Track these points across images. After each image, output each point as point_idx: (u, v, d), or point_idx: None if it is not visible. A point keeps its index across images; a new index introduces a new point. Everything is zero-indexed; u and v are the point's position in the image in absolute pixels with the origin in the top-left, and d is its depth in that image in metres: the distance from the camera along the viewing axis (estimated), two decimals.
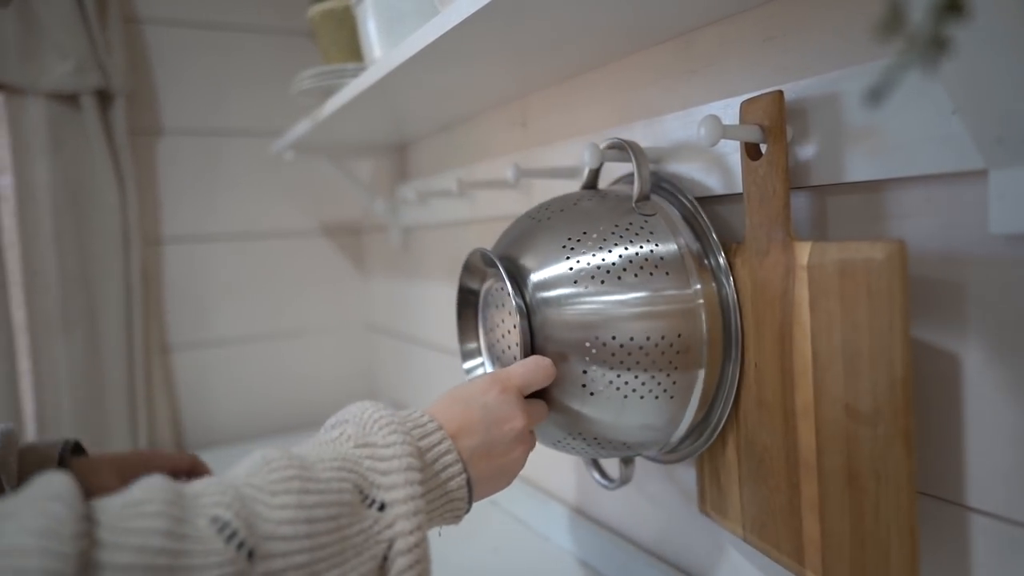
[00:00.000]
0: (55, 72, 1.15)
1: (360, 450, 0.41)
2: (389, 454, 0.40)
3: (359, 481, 0.39)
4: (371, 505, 0.39)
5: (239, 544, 0.33)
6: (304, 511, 0.36)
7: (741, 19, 0.53)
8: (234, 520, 0.34)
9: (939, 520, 0.43)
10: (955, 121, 0.38)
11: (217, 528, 0.33)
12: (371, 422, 0.42)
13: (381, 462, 0.40)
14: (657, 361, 0.47)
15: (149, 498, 0.33)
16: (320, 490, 0.37)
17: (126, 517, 0.32)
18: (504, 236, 0.55)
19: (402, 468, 0.40)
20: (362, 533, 0.38)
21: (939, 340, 0.42)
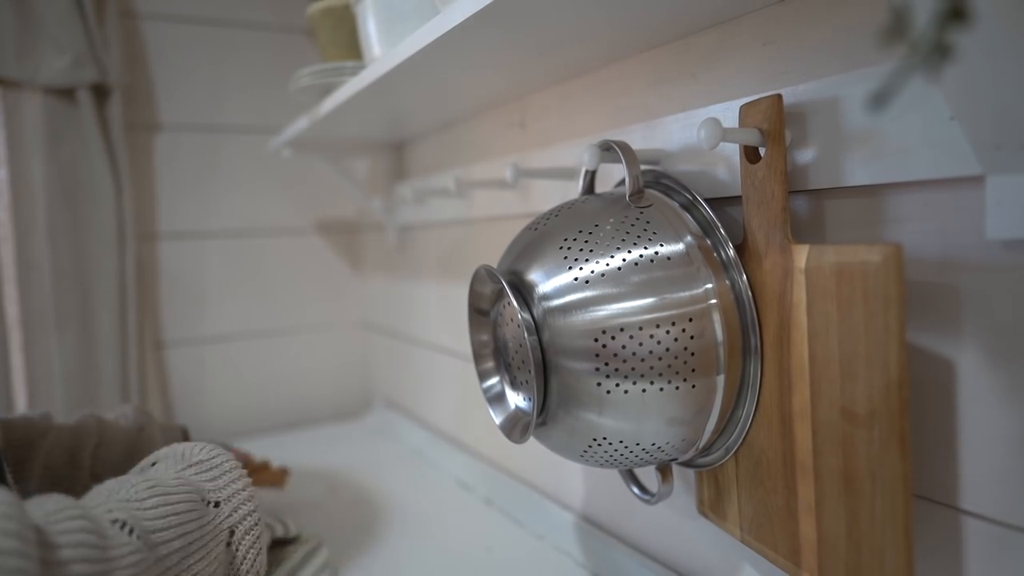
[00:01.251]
0: (52, 66, 1.14)
1: (188, 469, 0.54)
2: (214, 463, 0.56)
3: (198, 488, 0.53)
4: (208, 504, 0.53)
5: (137, 536, 0.44)
6: (170, 508, 0.48)
7: (741, 23, 0.53)
8: (128, 520, 0.44)
9: (933, 523, 0.43)
10: (953, 127, 0.38)
11: (119, 527, 0.44)
12: (189, 451, 0.56)
13: (210, 470, 0.55)
14: (672, 365, 0.46)
15: (64, 507, 0.41)
16: (176, 495, 0.50)
17: (55, 519, 0.40)
18: (508, 251, 0.54)
19: (229, 469, 0.55)
20: (210, 523, 0.51)
21: (935, 344, 0.42)
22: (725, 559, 0.60)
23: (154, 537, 0.45)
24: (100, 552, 0.40)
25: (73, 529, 0.40)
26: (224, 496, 0.54)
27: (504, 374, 0.57)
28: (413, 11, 0.76)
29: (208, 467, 0.55)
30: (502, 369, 0.57)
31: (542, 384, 0.49)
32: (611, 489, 0.75)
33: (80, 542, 0.40)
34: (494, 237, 0.94)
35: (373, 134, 1.15)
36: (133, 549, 0.43)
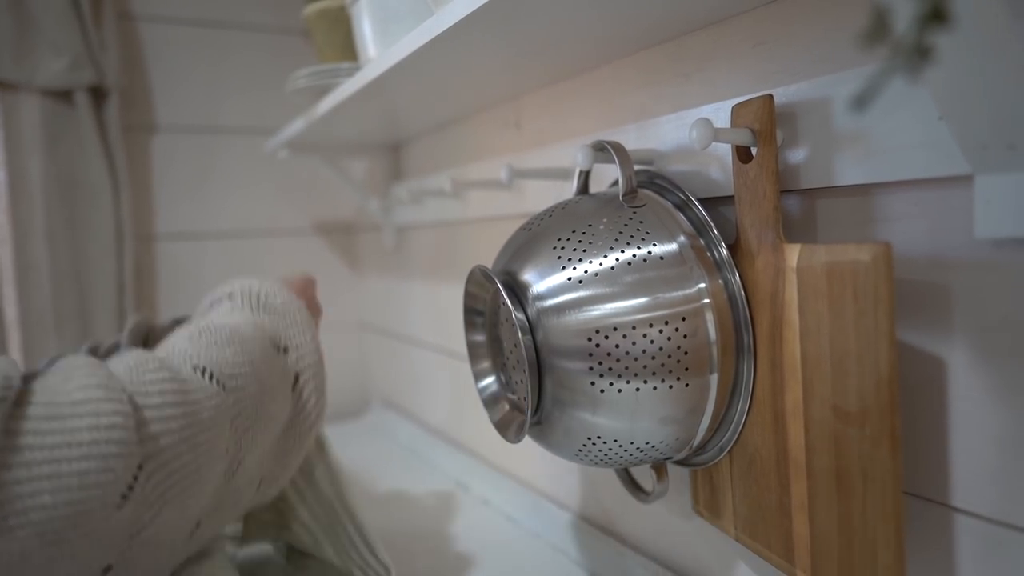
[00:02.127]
0: (49, 68, 1.14)
1: (262, 315, 0.56)
2: (284, 311, 0.57)
3: (271, 335, 0.55)
4: (279, 350, 0.55)
5: (216, 381, 0.46)
6: (247, 355, 0.50)
7: (732, 23, 0.53)
8: (208, 366, 0.46)
9: (925, 520, 0.43)
10: (942, 127, 0.38)
11: (200, 372, 0.46)
12: (264, 295, 0.58)
13: (281, 319, 0.57)
14: (666, 364, 0.46)
15: (144, 359, 0.43)
16: (252, 342, 0.51)
17: (139, 375, 0.42)
18: (502, 252, 0.55)
19: (296, 318, 0.57)
20: (280, 368, 0.54)
21: (925, 342, 0.43)
22: (720, 557, 0.60)
23: (231, 382, 0.47)
24: (182, 397, 0.43)
25: (156, 380, 0.42)
26: (293, 343, 0.56)
27: (499, 374, 0.57)
28: (408, 12, 0.76)
29: (279, 312, 0.57)
30: (497, 369, 0.57)
31: (536, 384, 0.49)
32: (607, 488, 0.75)
33: (163, 391, 0.42)
34: (489, 237, 0.94)
35: (369, 135, 1.15)
36: (213, 393, 0.45)
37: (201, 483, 0.43)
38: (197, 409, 0.43)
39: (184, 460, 0.41)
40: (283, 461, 0.55)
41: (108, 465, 0.36)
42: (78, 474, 0.35)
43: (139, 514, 0.39)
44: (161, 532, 0.41)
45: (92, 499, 0.35)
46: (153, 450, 0.39)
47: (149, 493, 0.39)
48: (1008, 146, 0.33)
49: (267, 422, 0.51)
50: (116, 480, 0.36)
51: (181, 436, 0.41)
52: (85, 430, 0.36)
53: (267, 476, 0.54)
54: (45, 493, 0.34)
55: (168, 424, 0.41)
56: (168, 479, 0.40)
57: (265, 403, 0.50)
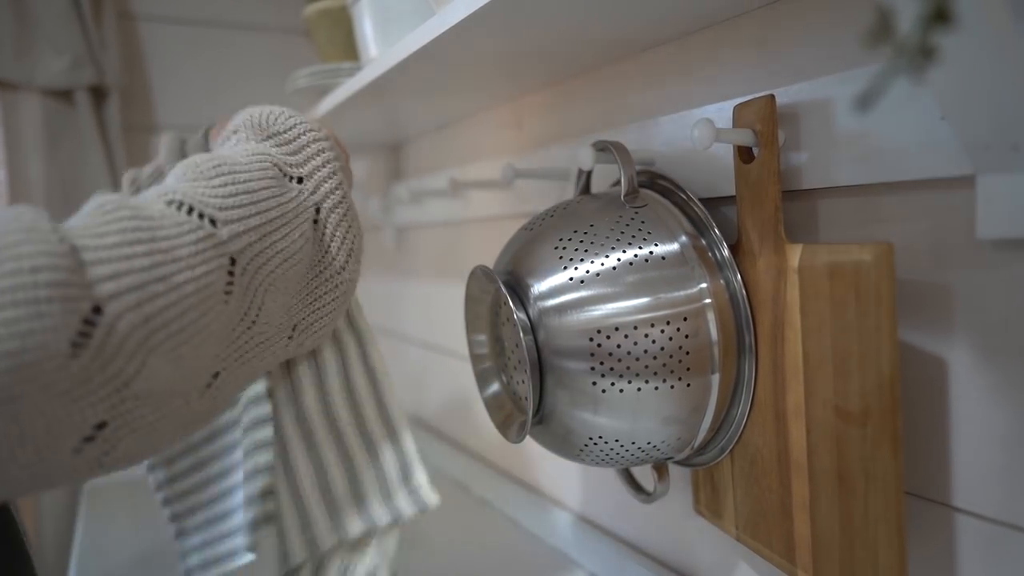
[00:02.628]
0: (50, 68, 1.14)
1: (266, 142, 0.49)
2: (294, 135, 0.49)
3: (276, 162, 0.47)
4: (291, 179, 0.47)
5: (199, 215, 0.40)
6: (241, 186, 0.43)
7: (735, 24, 0.53)
8: (185, 200, 0.40)
9: (926, 520, 0.43)
10: (944, 127, 0.38)
11: (175, 207, 0.40)
12: (265, 118, 0.50)
13: (289, 144, 0.49)
14: (667, 364, 0.47)
15: (102, 203, 0.38)
16: (247, 171, 0.44)
17: (93, 219, 0.37)
18: (503, 252, 0.55)
19: (310, 142, 0.49)
20: (292, 200, 0.46)
21: (927, 343, 0.43)
22: (721, 557, 0.60)
23: (223, 215, 0.41)
24: (149, 234, 0.38)
25: (112, 220, 0.37)
26: (307, 171, 0.49)
27: (501, 374, 0.57)
28: (409, 12, 0.76)
29: (288, 139, 0.49)
30: (499, 369, 0.58)
31: (538, 383, 0.49)
32: (608, 488, 0.75)
33: (122, 229, 0.37)
34: (490, 237, 0.94)
35: (370, 135, 1.15)
36: (193, 227, 0.39)
37: (196, 328, 0.39)
38: (171, 246, 0.38)
39: (161, 303, 0.37)
40: (315, 306, 0.50)
41: (39, 311, 0.33)
42: (4, 323, 0.32)
43: (114, 364, 0.35)
44: (158, 384, 0.38)
45: (30, 349, 0.32)
46: (111, 292, 0.35)
47: (123, 340, 0.35)
48: (1011, 146, 0.33)
49: (282, 260, 0.45)
50: (56, 327, 0.33)
51: (151, 276, 0.37)
52: (6, 276, 0.32)
53: (300, 323, 0.49)
54: None
55: (130, 263, 0.36)
56: (145, 324, 0.36)
57: (275, 238, 0.45)
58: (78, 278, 0.34)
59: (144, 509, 1.03)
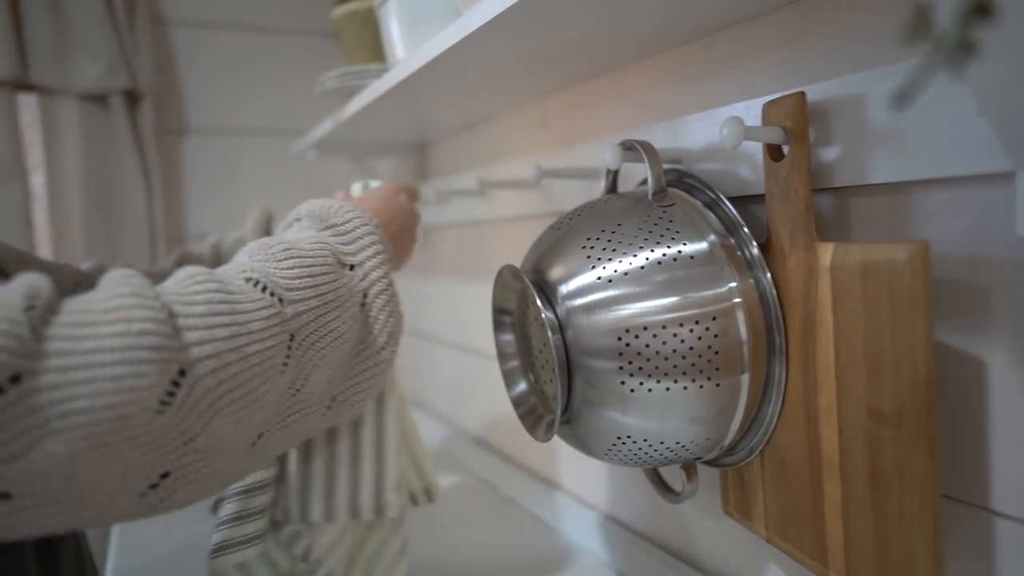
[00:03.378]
0: (86, 73, 1.17)
1: (325, 231, 0.55)
2: (349, 228, 0.55)
3: (334, 250, 0.53)
4: (344, 267, 0.53)
5: (271, 293, 0.46)
6: (306, 270, 0.49)
7: (763, 21, 0.53)
8: (261, 279, 0.46)
9: (963, 524, 0.42)
10: (981, 123, 0.38)
11: (252, 284, 0.45)
12: (326, 211, 0.56)
13: (344, 235, 0.55)
14: (696, 364, 0.46)
15: (193, 272, 0.44)
16: (311, 257, 0.50)
17: (186, 286, 0.42)
18: (531, 251, 0.55)
19: (363, 235, 0.55)
20: (345, 286, 0.52)
21: (964, 343, 0.42)
22: (751, 558, 0.59)
23: (289, 295, 0.47)
24: (230, 307, 0.43)
25: (202, 291, 0.42)
26: (359, 260, 0.54)
27: (528, 373, 0.57)
28: (436, 13, 0.77)
29: (343, 230, 0.56)
30: (526, 368, 0.58)
31: (566, 383, 0.49)
32: (635, 488, 0.75)
33: (209, 300, 0.42)
34: (516, 237, 0.94)
35: (396, 135, 1.16)
36: (266, 304, 0.45)
37: (256, 395, 0.43)
38: (245, 320, 0.43)
39: (233, 370, 0.42)
40: (355, 381, 0.54)
41: (141, 370, 0.37)
42: (112, 379, 0.36)
43: (187, 422, 0.40)
44: (216, 442, 0.42)
45: (129, 403, 0.36)
46: (195, 357, 0.40)
47: (197, 402, 0.40)
48: None
49: (333, 339, 0.50)
50: (152, 385, 0.37)
51: (229, 345, 0.42)
52: (117, 336, 0.37)
53: (339, 396, 0.54)
54: (82, 398, 0.35)
55: (212, 332, 0.41)
56: (217, 388, 0.41)
57: (329, 319, 0.50)
58: (174, 343, 0.39)
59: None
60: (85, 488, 0.37)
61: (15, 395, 0.34)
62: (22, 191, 1.16)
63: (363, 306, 0.54)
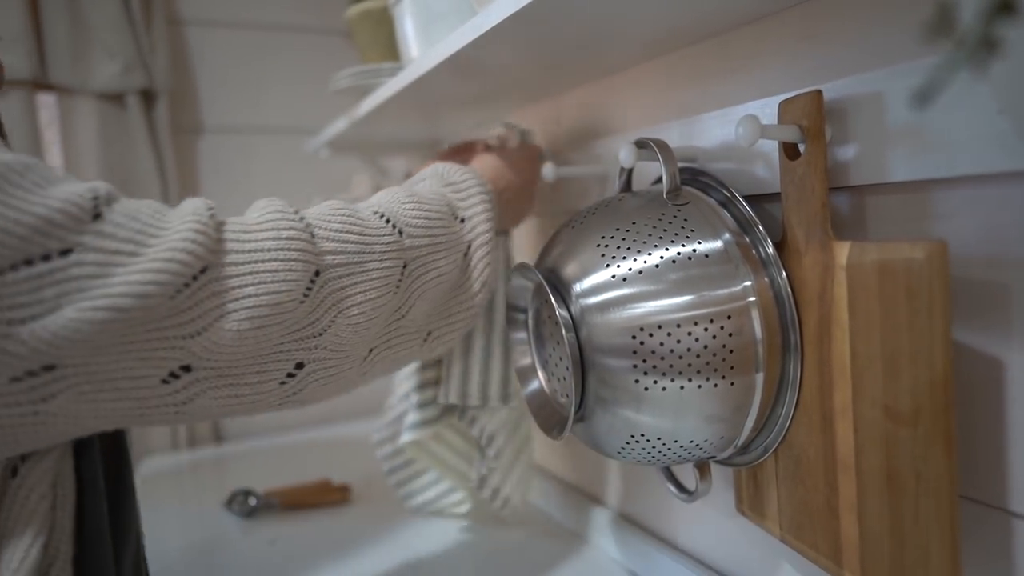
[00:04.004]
0: (103, 73, 1.18)
1: (446, 188, 0.63)
2: (465, 187, 0.63)
3: (450, 203, 0.61)
4: (456, 219, 0.61)
5: (393, 225, 0.55)
6: (423, 213, 0.58)
7: (779, 18, 0.53)
8: (386, 213, 0.55)
9: (981, 524, 0.42)
10: (1002, 121, 0.37)
11: (379, 217, 0.55)
12: (447, 171, 0.65)
13: (460, 192, 0.63)
14: (711, 362, 0.46)
15: (332, 203, 0.54)
16: (429, 204, 0.59)
17: (324, 210, 0.53)
18: (545, 249, 0.55)
19: (475, 194, 0.63)
20: (455, 233, 0.60)
21: (983, 343, 0.41)
22: (764, 558, 0.59)
23: (408, 230, 0.56)
24: (359, 229, 0.52)
25: (337, 216, 0.52)
26: (469, 215, 0.62)
27: (542, 371, 0.58)
28: (450, 12, 0.77)
29: (460, 188, 0.64)
30: (540, 366, 0.58)
31: (580, 381, 0.49)
32: (649, 486, 0.75)
33: (343, 222, 0.52)
34: (530, 235, 0.94)
35: (409, 133, 1.16)
36: (388, 232, 0.54)
37: (371, 305, 0.52)
38: (370, 241, 0.52)
39: (355, 279, 0.51)
40: (448, 321, 0.61)
41: (290, 267, 0.47)
42: (270, 271, 0.46)
43: (318, 315, 0.49)
44: (339, 341, 0.50)
45: (282, 291, 0.46)
46: (329, 263, 0.50)
47: (325, 298, 0.49)
48: None
49: (437, 276, 0.58)
50: (298, 279, 0.47)
51: (352, 260, 0.51)
52: (270, 239, 0.47)
53: (434, 331, 0.60)
54: (249, 286, 0.45)
55: (343, 245, 0.51)
56: (341, 291, 0.50)
57: (436, 258, 0.57)
58: (313, 248, 0.49)
59: (192, 498, 1.06)
60: (244, 364, 0.46)
61: (203, 281, 0.43)
62: None
63: (465, 255, 0.61)
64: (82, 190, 0.41)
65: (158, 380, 0.43)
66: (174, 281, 0.42)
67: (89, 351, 0.40)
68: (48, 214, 0.38)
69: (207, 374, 0.45)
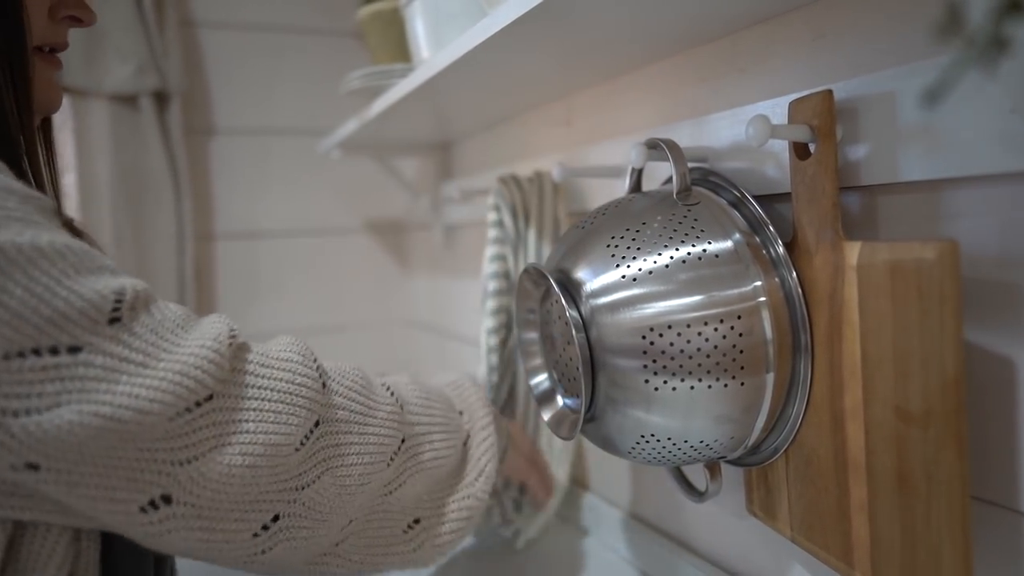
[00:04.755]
0: (117, 75, 1.20)
1: (446, 386, 0.67)
2: (463, 386, 0.67)
3: (449, 396, 0.64)
4: (454, 410, 0.63)
5: (396, 399, 0.56)
6: (425, 396, 0.60)
7: (789, 18, 0.53)
8: (393, 388, 0.57)
9: (993, 525, 0.42)
10: (1014, 120, 0.37)
11: (385, 388, 0.57)
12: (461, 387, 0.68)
13: (458, 388, 0.67)
14: (721, 363, 0.46)
15: (350, 364, 0.55)
16: (430, 391, 0.62)
17: (341, 367, 0.54)
18: (555, 250, 0.55)
19: (473, 393, 0.67)
20: (453, 421, 0.62)
21: (994, 343, 0.41)
22: (775, 558, 0.59)
23: (409, 406, 0.57)
24: (366, 393, 0.54)
25: (350, 375, 0.54)
26: (465, 407, 0.65)
27: (552, 371, 0.58)
28: (460, 13, 0.77)
29: (457, 385, 0.67)
30: (550, 367, 0.58)
31: (590, 381, 0.50)
32: (659, 486, 0.74)
33: (353, 382, 0.53)
34: None
35: (420, 134, 1.17)
36: (391, 402, 0.55)
37: (360, 469, 0.51)
38: (374, 406, 0.54)
39: (351, 438, 0.51)
40: (440, 511, 0.60)
41: (295, 411, 0.46)
42: (274, 412, 0.45)
43: (308, 466, 0.48)
44: (320, 500, 0.49)
45: (280, 434, 0.45)
46: (329, 417, 0.49)
47: (319, 451, 0.48)
48: None
49: (434, 457, 0.58)
50: (300, 424, 0.46)
51: (354, 419, 0.51)
52: (284, 380, 0.47)
53: (423, 519, 0.59)
54: (250, 422, 0.44)
55: (348, 403, 0.51)
56: (336, 447, 0.49)
57: (435, 438, 0.59)
58: (321, 398, 0.49)
59: None
60: (225, 507, 0.43)
61: (207, 409, 0.42)
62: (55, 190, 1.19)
63: (465, 444, 0.62)
64: (108, 290, 0.40)
65: (137, 507, 0.40)
66: (177, 404, 0.40)
67: (76, 458, 0.38)
68: (65, 309, 0.37)
69: (186, 511, 0.42)
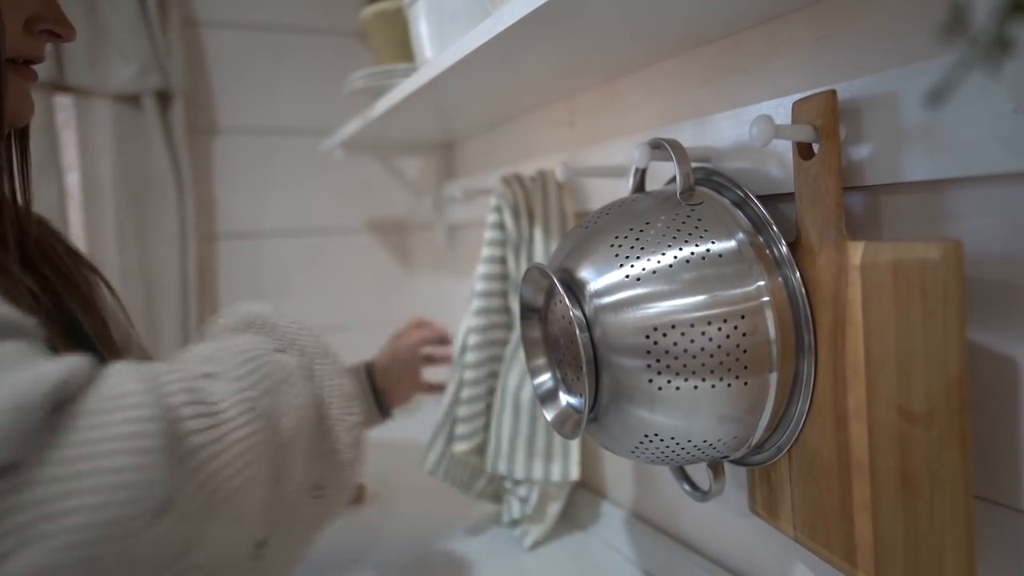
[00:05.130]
0: (120, 75, 1.20)
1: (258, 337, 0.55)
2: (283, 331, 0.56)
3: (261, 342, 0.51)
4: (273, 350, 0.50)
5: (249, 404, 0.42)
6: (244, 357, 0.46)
7: (793, 18, 0.53)
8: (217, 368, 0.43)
9: (998, 526, 0.42)
10: (1017, 120, 0.37)
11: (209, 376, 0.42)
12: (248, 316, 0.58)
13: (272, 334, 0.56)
14: (724, 362, 0.46)
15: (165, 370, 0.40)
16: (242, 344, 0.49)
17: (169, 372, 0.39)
18: (559, 249, 0.55)
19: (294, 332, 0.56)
20: (278, 362, 0.48)
21: (998, 343, 0.41)
22: (778, 558, 0.59)
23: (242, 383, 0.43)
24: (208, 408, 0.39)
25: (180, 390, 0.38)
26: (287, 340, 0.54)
27: (555, 371, 0.58)
28: (464, 13, 0.77)
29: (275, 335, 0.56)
30: (553, 366, 0.58)
31: (594, 381, 0.50)
32: (662, 486, 0.75)
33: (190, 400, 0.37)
34: None
35: (423, 134, 1.17)
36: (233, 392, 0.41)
37: (241, 478, 0.38)
38: (222, 408, 0.40)
39: (222, 460, 0.37)
40: (329, 460, 0.49)
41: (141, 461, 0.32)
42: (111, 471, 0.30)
43: (181, 529, 0.34)
44: (214, 551, 0.36)
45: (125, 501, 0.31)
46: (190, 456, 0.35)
47: (188, 503, 0.34)
48: None
49: (292, 414, 0.45)
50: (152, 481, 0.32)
51: (211, 435, 0.37)
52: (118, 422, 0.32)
53: (323, 480, 0.49)
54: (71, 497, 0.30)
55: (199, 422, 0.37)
56: (209, 483, 0.36)
57: (284, 391, 0.46)
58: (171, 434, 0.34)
59: None
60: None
61: (3, 488, 0.29)
62: (58, 190, 1.19)
63: (310, 379, 0.50)
64: None
65: None
66: None
67: None
68: None
69: None
